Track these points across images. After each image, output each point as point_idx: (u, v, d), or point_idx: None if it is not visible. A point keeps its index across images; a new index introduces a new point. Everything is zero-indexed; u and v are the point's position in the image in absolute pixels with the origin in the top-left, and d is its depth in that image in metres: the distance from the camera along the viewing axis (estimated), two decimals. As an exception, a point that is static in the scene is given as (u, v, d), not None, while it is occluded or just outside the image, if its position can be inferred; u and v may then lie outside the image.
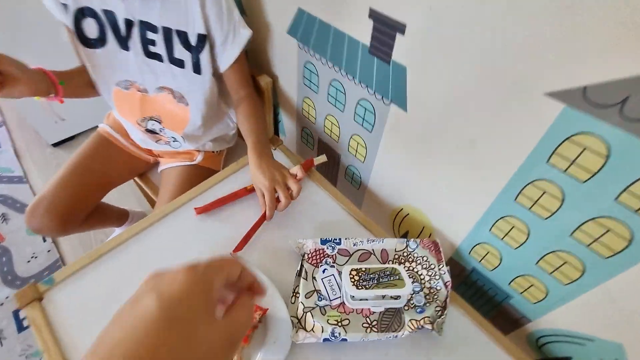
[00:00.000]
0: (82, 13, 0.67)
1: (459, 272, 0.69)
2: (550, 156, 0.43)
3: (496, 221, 0.55)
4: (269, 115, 0.93)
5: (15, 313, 1.11)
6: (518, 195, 0.50)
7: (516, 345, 0.54)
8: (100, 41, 0.71)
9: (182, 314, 0.21)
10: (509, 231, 0.54)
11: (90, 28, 0.68)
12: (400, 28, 0.52)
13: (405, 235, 0.80)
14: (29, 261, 1.20)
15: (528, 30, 0.38)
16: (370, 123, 0.69)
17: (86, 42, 0.70)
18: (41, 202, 0.80)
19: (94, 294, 0.56)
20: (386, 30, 0.54)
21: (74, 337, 0.51)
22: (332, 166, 0.92)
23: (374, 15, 0.54)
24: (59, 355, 0.49)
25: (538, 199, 0.47)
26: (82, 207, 0.87)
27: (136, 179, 0.98)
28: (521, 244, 0.54)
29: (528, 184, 0.47)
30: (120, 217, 1.12)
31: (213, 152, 0.95)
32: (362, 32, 0.58)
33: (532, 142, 0.44)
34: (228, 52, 0.73)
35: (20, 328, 1.08)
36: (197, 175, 0.90)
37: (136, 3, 0.66)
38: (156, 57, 0.73)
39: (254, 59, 0.91)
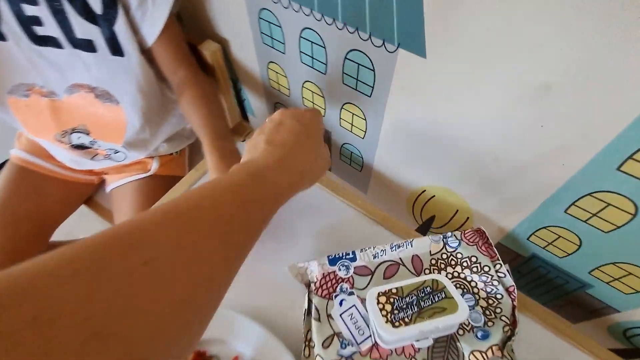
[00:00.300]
0: None
1: (511, 260, 0.54)
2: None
3: (578, 199, 0.38)
4: (228, 95, 0.71)
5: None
6: (624, 162, 0.32)
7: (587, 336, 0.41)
8: (-44, 33, 0.49)
9: (313, 132, 0.37)
10: (599, 211, 0.37)
11: None
12: None
13: (430, 221, 0.63)
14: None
15: None
16: (368, 84, 0.49)
17: None
18: None
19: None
20: None
21: None
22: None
23: None
24: None
25: (663, 165, 0.30)
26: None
27: (83, 206, 0.78)
28: (619, 227, 0.37)
29: (647, 144, 0.30)
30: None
31: (171, 154, 0.75)
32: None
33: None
34: (151, 16, 0.53)
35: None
36: (157, 187, 0.72)
37: None
38: (50, 42, 0.53)
39: (189, 22, 0.68)
